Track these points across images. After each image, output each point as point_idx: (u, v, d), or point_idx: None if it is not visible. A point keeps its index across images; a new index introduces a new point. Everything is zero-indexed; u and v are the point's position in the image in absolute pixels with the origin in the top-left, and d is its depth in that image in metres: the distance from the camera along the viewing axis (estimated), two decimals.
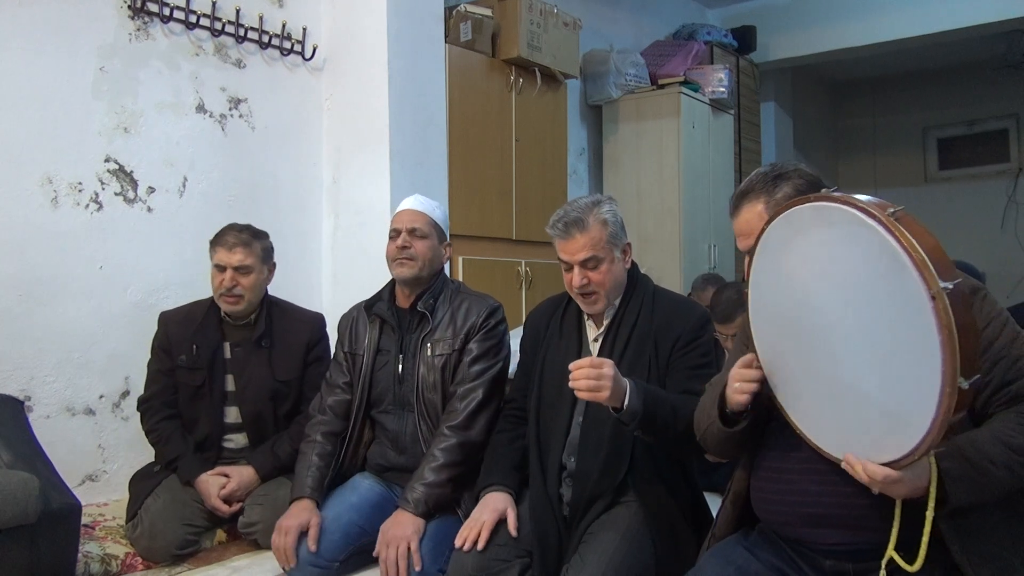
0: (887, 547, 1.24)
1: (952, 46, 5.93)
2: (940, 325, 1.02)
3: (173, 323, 2.42)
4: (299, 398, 2.43)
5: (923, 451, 1.10)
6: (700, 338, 1.88)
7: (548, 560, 1.79)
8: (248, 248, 2.37)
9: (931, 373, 1.05)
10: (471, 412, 2.10)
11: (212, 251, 2.39)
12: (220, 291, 2.35)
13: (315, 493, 2.10)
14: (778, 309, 1.33)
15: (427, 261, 2.19)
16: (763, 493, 1.47)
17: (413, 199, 2.28)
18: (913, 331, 1.06)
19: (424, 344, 2.17)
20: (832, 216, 1.17)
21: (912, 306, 1.05)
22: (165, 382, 2.38)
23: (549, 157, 4.05)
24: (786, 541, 1.43)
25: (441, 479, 2.03)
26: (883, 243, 1.08)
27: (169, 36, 2.87)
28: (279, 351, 2.41)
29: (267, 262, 2.44)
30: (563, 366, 1.91)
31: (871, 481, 1.17)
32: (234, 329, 2.41)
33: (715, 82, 4.87)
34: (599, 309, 1.90)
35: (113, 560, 2.12)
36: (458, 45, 3.60)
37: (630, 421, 1.64)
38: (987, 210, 6.94)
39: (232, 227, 2.43)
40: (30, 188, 2.52)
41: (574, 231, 1.85)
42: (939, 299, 1.02)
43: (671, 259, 4.58)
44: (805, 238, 1.24)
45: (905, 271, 1.06)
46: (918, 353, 1.06)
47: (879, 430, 1.16)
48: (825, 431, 1.28)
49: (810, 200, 1.22)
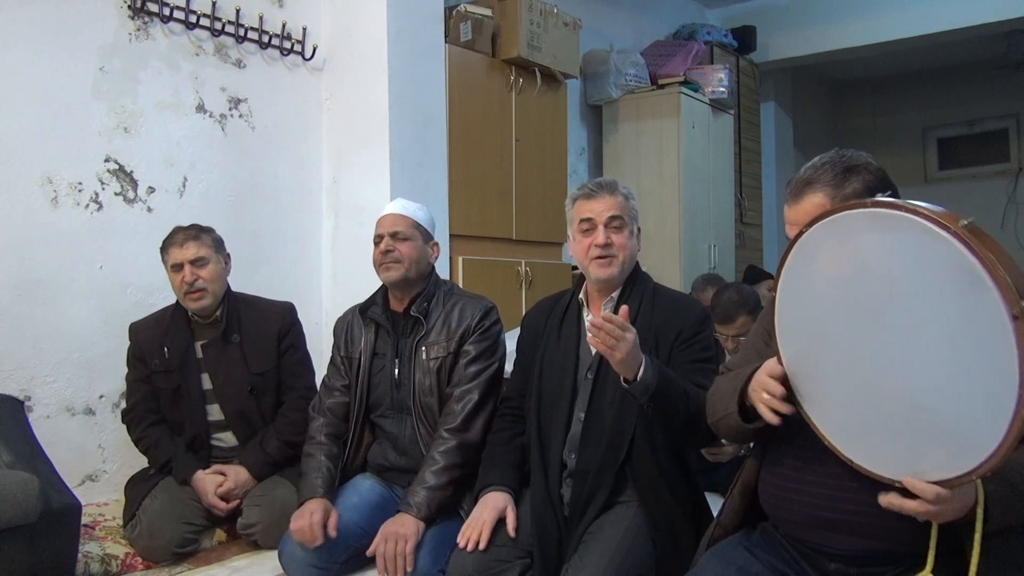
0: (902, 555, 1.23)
1: (952, 46, 5.93)
2: (1022, 346, 0.99)
3: (142, 331, 2.44)
4: (279, 389, 2.43)
5: (983, 472, 1.07)
6: (701, 333, 1.88)
7: (548, 560, 1.79)
8: (198, 241, 2.38)
9: (1005, 393, 1.01)
10: (468, 414, 2.10)
11: (164, 256, 2.40)
12: (183, 290, 2.35)
13: (328, 494, 2.10)
14: (816, 316, 1.26)
15: (413, 262, 2.19)
16: (775, 490, 1.44)
17: (394, 203, 2.29)
18: (988, 350, 1.02)
19: (419, 348, 2.17)
20: (894, 223, 1.11)
21: (990, 324, 1.01)
22: (145, 390, 2.40)
23: (549, 157, 4.05)
24: (792, 540, 1.42)
25: (442, 482, 2.03)
26: (959, 257, 1.04)
27: (169, 36, 2.87)
28: (250, 344, 2.41)
29: (221, 252, 2.45)
30: (563, 363, 1.92)
31: (918, 504, 1.12)
32: (203, 328, 2.42)
33: (715, 82, 4.87)
34: (613, 273, 1.88)
35: (113, 560, 2.13)
36: (458, 45, 3.60)
37: (641, 395, 1.64)
38: (987, 210, 6.93)
39: (176, 229, 2.44)
40: (30, 188, 2.52)
41: (603, 192, 1.91)
42: (1021, 320, 0.99)
43: (671, 259, 4.58)
44: (858, 245, 1.17)
45: (983, 288, 1.02)
46: (992, 372, 1.02)
47: (930, 449, 1.12)
48: (862, 446, 1.23)
49: (867, 205, 1.15)
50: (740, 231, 5.41)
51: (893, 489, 1.17)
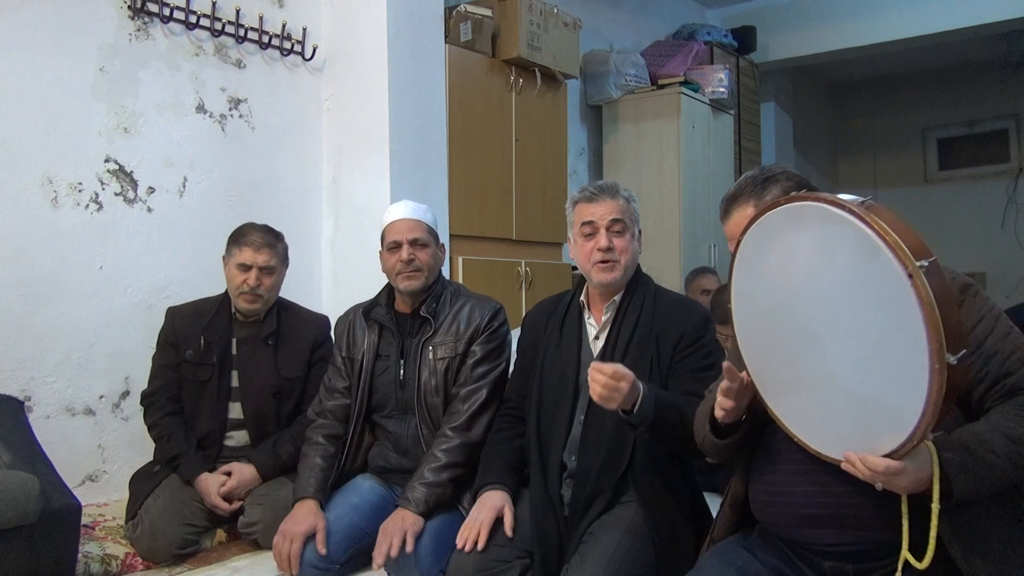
0: (893, 547, 1.24)
1: (952, 46, 5.93)
2: (921, 301, 1.03)
3: (180, 318, 2.43)
4: (302, 397, 2.43)
5: (920, 435, 1.10)
6: (703, 338, 1.87)
7: (548, 560, 1.79)
8: (274, 249, 2.40)
9: (918, 353, 1.05)
10: (473, 413, 2.10)
11: (235, 248, 2.39)
12: (242, 289, 2.36)
13: (319, 494, 2.09)
14: (763, 317, 1.33)
15: (431, 269, 2.19)
16: (760, 495, 1.47)
17: (404, 207, 2.25)
18: (895, 314, 1.07)
19: (425, 348, 2.16)
20: (805, 215, 1.19)
21: (891, 289, 1.07)
22: (170, 376, 2.39)
23: (549, 157, 4.05)
24: (785, 543, 1.43)
25: (442, 479, 2.03)
26: (857, 232, 1.10)
27: (169, 36, 2.87)
28: (285, 349, 2.42)
29: (286, 263, 2.49)
30: (564, 365, 1.92)
31: (873, 475, 1.17)
32: (242, 326, 2.43)
33: (715, 82, 4.87)
34: (616, 278, 1.88)
35: (113, 560, 2.12)
36: (458, 45, 3.60)
37: (639, 424, 1.64)
38: (987, 210, 6.94)
39: (255, 227, 2.44)
40: (30, 188, 2.52)
41: (605, 195, 1.91)
42: (916, 276, 1.04)
43: (671, 259, 4.58)
44: (781, 242, 1.25)
45: (880, 255, 1.07)
46: (903, 336, 1.07)
47: (874, 423, 1.16)
48: (820, 433, 1.28)
49: (780, 204, 1.23)
50: None
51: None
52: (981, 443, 1.21)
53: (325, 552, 1.96)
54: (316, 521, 2.00)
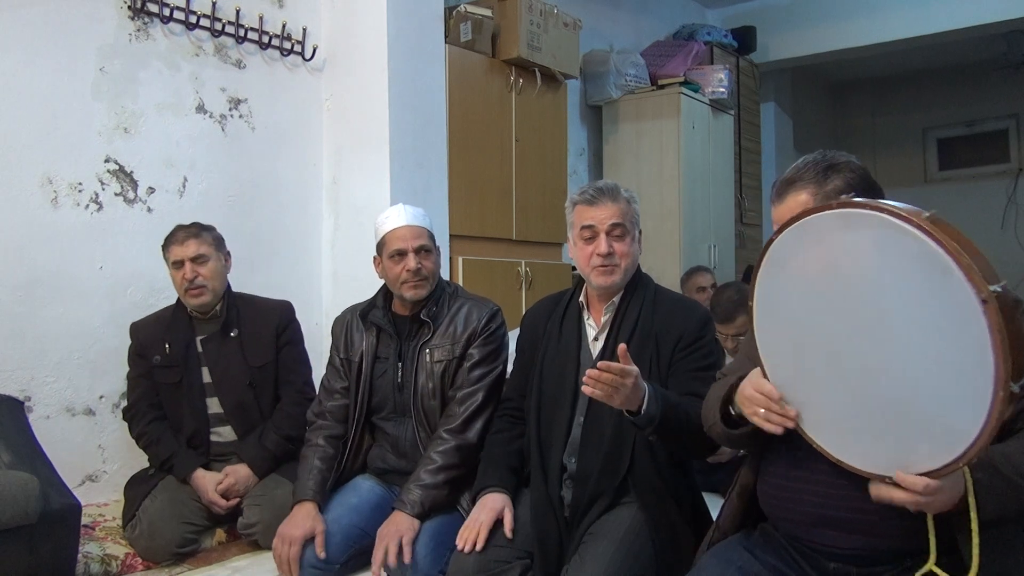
0: (902, 553, 1.23)
1: (952, 46, 5.93)
2: (993, 329, 0.99)
3: (142, 329, 2.48)
4: (276, 383, 2.46)
5: (969, 458, 1.07)
6: (702, 339, 1.87)
7: (548, 561, 1.78)
8: (198, 238, 2.42)
9: (982, 378, 1.02)
10: (469, 415, 2.09)
11: (166, 253, 2.44)
12: (184, 286, 2.39)
13: (317, 496, 2.09)
14: (793, 323, 1.26)
15: (435, 276, 2.19)
16: (772, 490, 1.44)
17: (403, 212, 2.18)
18: (961, 337, 1.03)
19: (423, 351, 2.15)
20: (860, 222, 1.12)
21: (960, 311, 1.02)
22: (145, 386, 2.42)
23: (549, 157, 4.05)
24: (791, 540, 1.42)
25: (437, 481, 2.03)
26: (923, 248, 1.05)
27: (169, 36, 2.87)
28: (249, 338, 2.44)
29: (221, 250, 2.49)
30: (563, 366, 1.91)
31: (908, 496, 1.13)
32: (203, 323, 2.45)
33: (715, 82, 4.87)
34: (615, 281, 1.87)
35: (113, 560, 2.13)
36: (458, 45, 3.60)
37: (645, 426, 1.63)
38: (987, 210, 6.93)
39: (178, 227, 2.48)
40: (30, 188, 2.52)
41: (605, 198, 1.88)
42: (991, 303, 0.99)
43: (671, 259, 4.58)
44: (827, 247, 1.17)
45: (950, 276, 1.02)
46: (966, 358, 1.03)
47: (916, 441, 1.12)
48: (851, 446, 1.22)
49: (832, 207, 1.16)
50: (740, 231, 5.41)
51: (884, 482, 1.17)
52: (1012, 467, 1.19)
53: (324, 556, 1.96)
54: (314, 524, 2.00)
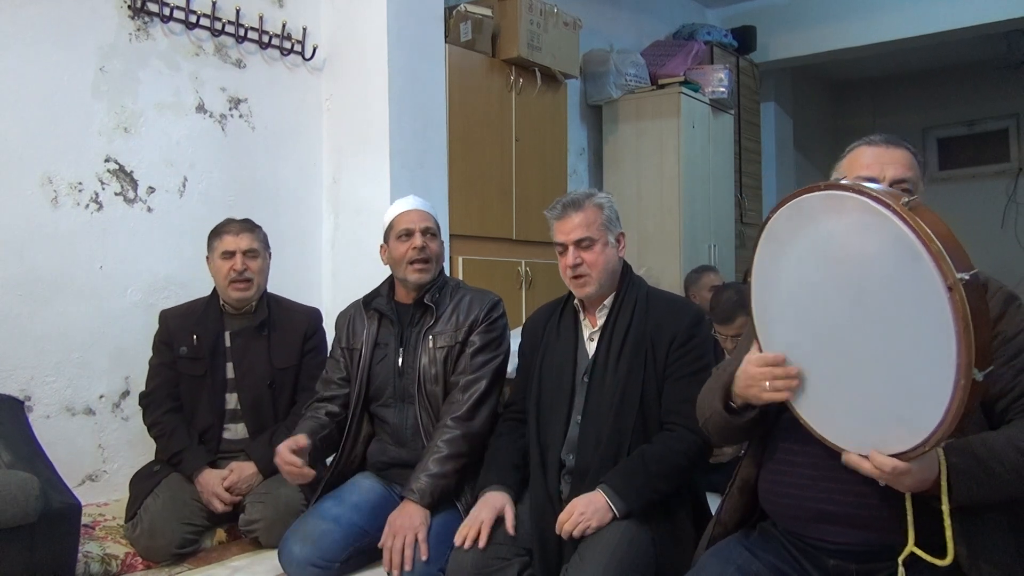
0: (901, 549, 1.23)
1: (952, 46, 5.93)
2: (956, 316, 1.01)
3: (173, 317, 2.48)
4: (295, 388, 2.47)
5: (934, 443, 1.09)
6: (695, 338, 1.88)
7: (548, 559, 1.79)
8: (252, 233, 2.47)
9: (945, 364, 1.04)
10: (474, 403, 2.11)
11: (216, 241, 2.45)
12: (231, 277, 2.40)
13: (312, 437, 2.16)
14: (786, 301, 1.29)
15: (439, 261, 2.23)
16: (773, 485, 1.45)
17: (411, 199, 2.29)
18: (928, 322, 1.05)
19: (426, 336, 2.18)
20: (843, 204, 1.15)
21: (927, 297, 1.04)
22: (167, 375, 2.42)
23: (549, 157, 4.05)
24: (791, 536, 1.42)
25: (446, 470, 2.04)
26: (898, 233, 1.07)
27: (169, 36, 2.87)
28: (277, 339, 2.46)
29: (267, 249, 2.53)
30: (561, 365, 1.94)
31: (879, 473, 1.17)
32: (234, 318, 2.46)
33: (715, 82, 4.86)
34: (590, 292, 1.91)
35: (113, 560, 2.13)
36: (458, 45, 3.60)
37: (625, 517, 1.73)
38: (987, 210, 6.93)
39: (229, 219, 2.51)
40: (30, 188, 2.52)
41: (570, 211, 1.91)
42: (956, 290, 1.01)
43: (671, 259, 4.58)
44: (814, 227, 1.20)
45: (921, 262, 1.04)
46: (932, 344, 1.05)
47: (889, 422, 1.15)
48: (832, 423, 1.26)
49: (820, 188, 1.19)
50: (740, 231, 5.41)
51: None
52: (990, 453, 1.21)
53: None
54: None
